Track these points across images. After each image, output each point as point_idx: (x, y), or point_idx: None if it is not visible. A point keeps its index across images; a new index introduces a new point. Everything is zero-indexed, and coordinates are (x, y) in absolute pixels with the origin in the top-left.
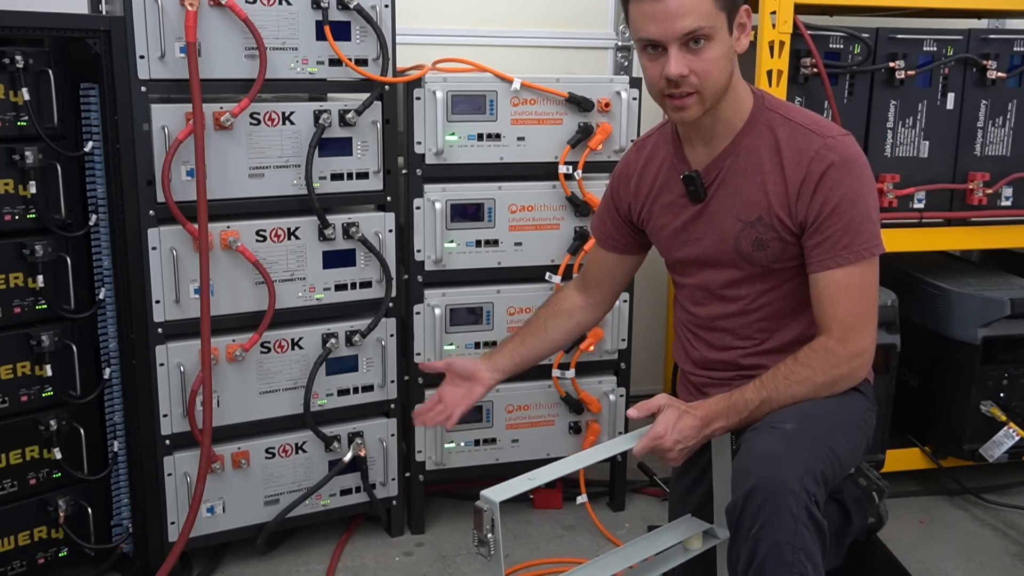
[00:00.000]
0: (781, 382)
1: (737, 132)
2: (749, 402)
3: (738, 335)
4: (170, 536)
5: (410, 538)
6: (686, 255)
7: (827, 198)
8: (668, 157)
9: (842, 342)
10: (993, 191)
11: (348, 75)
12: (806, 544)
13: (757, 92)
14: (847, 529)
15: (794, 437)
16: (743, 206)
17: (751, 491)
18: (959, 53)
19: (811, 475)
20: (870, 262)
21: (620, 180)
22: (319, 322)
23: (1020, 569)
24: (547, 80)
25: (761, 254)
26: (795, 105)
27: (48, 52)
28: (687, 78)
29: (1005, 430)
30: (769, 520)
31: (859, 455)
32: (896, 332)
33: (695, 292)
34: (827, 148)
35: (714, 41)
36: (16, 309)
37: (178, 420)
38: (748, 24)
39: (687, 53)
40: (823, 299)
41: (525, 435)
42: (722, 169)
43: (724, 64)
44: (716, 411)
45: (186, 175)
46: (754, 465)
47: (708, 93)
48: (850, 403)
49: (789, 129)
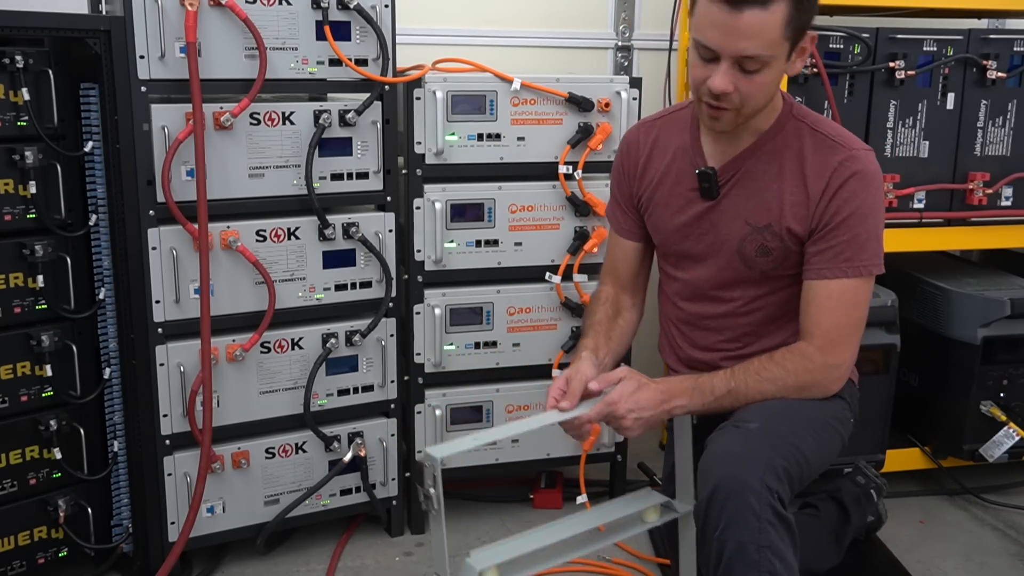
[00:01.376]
0: (752, 376)
1: (761, 135)
2: (716, 388)
3: (724, 336)
4: (170, 536)
5: (410, 538)
6: (686, 250)
7: (840, 208)
8: (684, 146)
9: (821, 351)
10: (993, 191)
11: (348, 75)
12: (772, 542)
13: (787, 99)
14: (846, 527)
15: (756, 436)
16: (754, 210)
17: (713, 491)
18: (959, 53)
19: (773, 472)
20: (867, 280)
21: (627, 159)
22: (319, 322)
23: (1020, 569)
24: (547, 80)
25: (763, 260)
26: (823, 116)
27: (48, 52)
28: (730, 95)
29: (1005, 430)
30: (732, 520)
31: (831, 456)
32: (896, 332)
33: (686, 288)
34: (851, 159)
35: (769, 68)
36: (16, 309)
37: (178, 420)
38: (809, 49)
39: (737, 71)
40: (812, 306)
41: (525, 435)
42: (740, 170)
43: (771, 89)
44: (679, 389)
45: (186, 175)
46: (715, 465)
47: (746, 112)
48: (822, 403)
49: (815, 139)
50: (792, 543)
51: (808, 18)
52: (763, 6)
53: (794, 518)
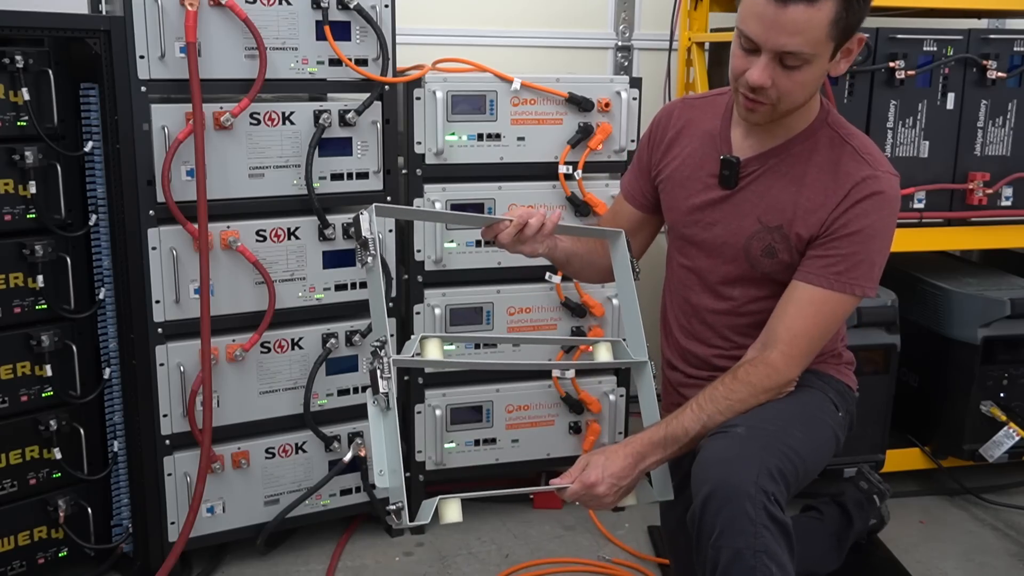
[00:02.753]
0: (721, 404)
1: (792, 137)
2: (688, 430)
3: (719, 333)
4: (170, 536)
5: (410, 538)
6: (691, 235)
7: (849, 222)
8: (714, 130)
9: (785, 359)
10: (993, 191)
11: (348, 75)
12: (768, 546)
13: (825, 105)
14: (848, 531)
15: (746, 439)
16: (768, 209)
17: (707, 499)
18: (959, 53)
19: (767, 474)
20: (850, 298)
21: (657, 130)
22: (319, 322)
23: (1020, 569)
24: (547, 80)
25: (767, 261)
26: (857, 129)
27: (48, 52)
28: (767, 90)
29: (1005, 430)
30: (727, 527)
31: (826, 449)
32: (896, 332)
33: (689, 276)
34: (874, 179)
35: (810, 66)
36: (16, 309)
37: (178, 420)
38: (856, 51)
39: (777, 66)
40: (791, 306)
41: (525, 435)
42: (763, 166)
43: (811, 88)
44: (650, 446)
45: (186, 175)
46: (707, 472)
47: (783, 108)
48: (804, 396)
49: (845, 152)
50: (789, 546)
51: (857, 20)
52: (810, 2)
53: (796, 521)
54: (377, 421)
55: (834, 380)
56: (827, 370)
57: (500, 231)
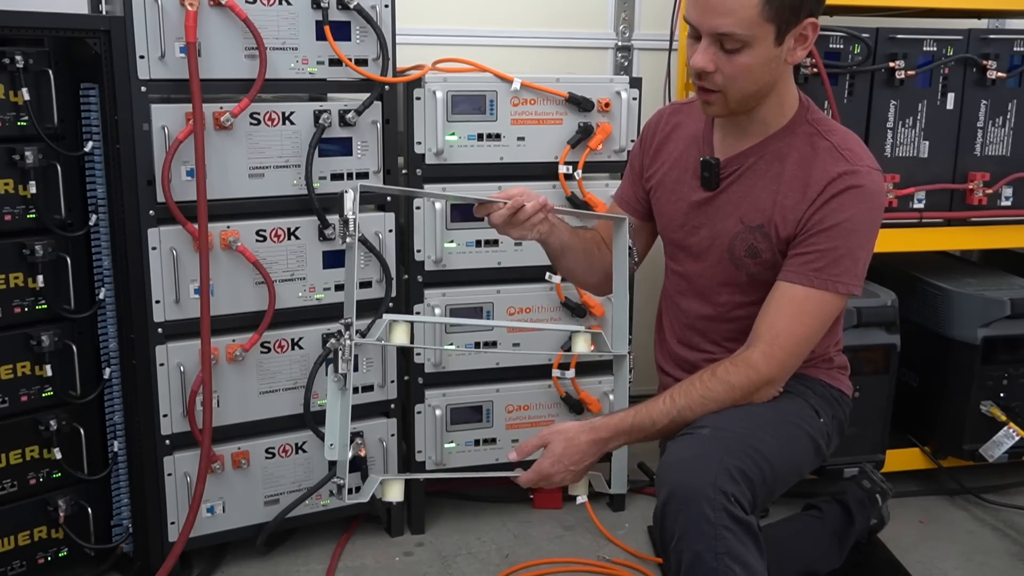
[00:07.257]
0: (695, 399)
1: (769, 135)
2: (656, 421)
3: (709, 339)
4: (170, 536)
5: (410, 538)
6: (680, 240)
7: (826, 216)
8: (697, 135)
9: (767, 358)
10: (993, 191)
11: (348, 75)
12: (730, 547)
13: (804, 102)
14: (849, 530)
15: (709, 440)
16: (749, 209)
17: (666, 502)
18: (959, 53)
19: (726, 474)
20: (833, 296)
21: (647, 134)
22: (319, 322)
23: (1020, 569)
24: (547, 80)
25: (751, 262)
26: (838, 125)
27: (48, 52)
28: (711, 76)
29: (1005, 430)
30: (686, 530)
31: (800, 455)
32: (896, 332)
33: (680, 282)
34: (853, 173)
35: (751, 49)
36: (16, 309)
37: (178, 420)
38: (812, 37)
39: (719, 51)
40: (772, 305)
41: (525, 435)
42: (742, 166)
43: (758, 73)
44: (615, 432)
45: (186, 175)
46: (667, 474)
47: (733, 96)
48: (781, 401)
49: (823, 147)
50: (756, 546)
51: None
52: None
53: (797, 518)
54: (335, 396)
55: (820, 385)
56: (817, 375)
57: (493, 211)
